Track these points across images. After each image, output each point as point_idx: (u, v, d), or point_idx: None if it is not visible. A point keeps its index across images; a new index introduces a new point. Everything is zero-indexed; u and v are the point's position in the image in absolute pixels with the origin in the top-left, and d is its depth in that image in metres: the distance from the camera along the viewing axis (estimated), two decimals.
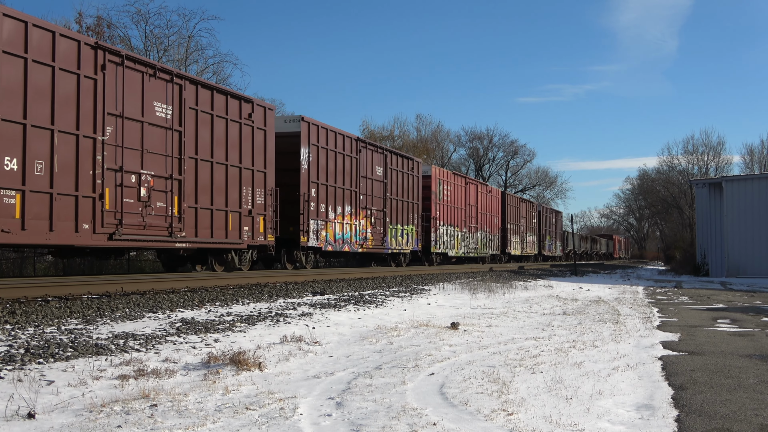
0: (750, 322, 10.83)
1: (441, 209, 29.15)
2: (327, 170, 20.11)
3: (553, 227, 55.32)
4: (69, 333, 6.93)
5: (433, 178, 28.38)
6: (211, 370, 5.87)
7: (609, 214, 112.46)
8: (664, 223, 73.57)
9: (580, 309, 12.99)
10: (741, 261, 29.99)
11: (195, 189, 14.67)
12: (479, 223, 34.73)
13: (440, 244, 29.03)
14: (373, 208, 22.94)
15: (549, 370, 6.32)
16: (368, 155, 22.84)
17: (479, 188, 35.46)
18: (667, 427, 4.46)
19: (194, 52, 32.76)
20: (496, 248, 38.02)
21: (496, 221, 38.25)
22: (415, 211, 26.46)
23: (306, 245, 18.87)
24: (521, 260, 44.75)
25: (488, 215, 36.50)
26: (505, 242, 39.96)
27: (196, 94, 14.85)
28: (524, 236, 44.55)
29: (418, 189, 26.79)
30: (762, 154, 65.09)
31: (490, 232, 36.85)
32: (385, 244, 23.89)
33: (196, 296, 10.83)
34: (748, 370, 6.37)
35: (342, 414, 4.66)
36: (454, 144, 69.80)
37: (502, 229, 39.38)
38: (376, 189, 23.33)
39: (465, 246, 32.43)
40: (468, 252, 32.85)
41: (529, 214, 46.39)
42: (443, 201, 29.43)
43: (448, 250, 30.04)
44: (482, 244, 35.32)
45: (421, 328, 9.38)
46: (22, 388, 4.80)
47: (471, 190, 33.71)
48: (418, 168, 27.12)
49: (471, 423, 4.47)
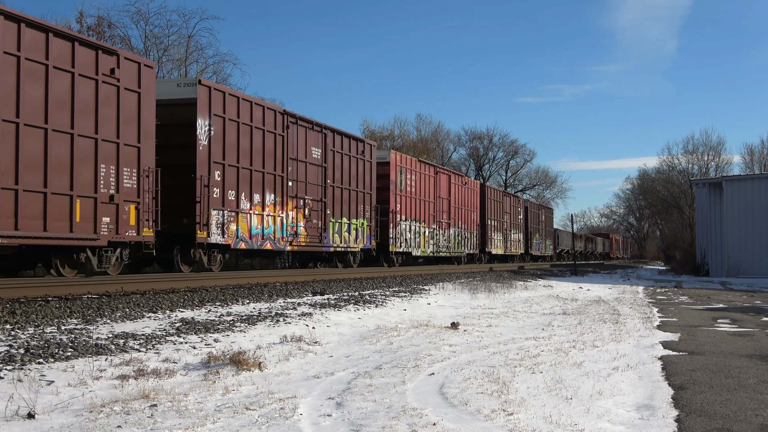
0: (750, 322, 10.83)
1: (403, 201, 25.43)
2: (239, 149, 16.45)
3: (542, 225, 51.40)
4: (69, 333, 6.93)
5: (392, 165, 24.66)
6: (211, 370, 5.87)
7: (609, 214, 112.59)
8: (664, 223, 73.56)
9: (580, 309, 12.99)
10: (741, 261, 29.98)
11: (15, 165, 11.05)
12: (453, 218, 30.85)
13: (401, 242, 25.31)
14: (307, 197, 19.22)
15: (549, 370, 6.32)
16: (300, 133, 19.07)
17: (453, 179, 31.31)
18: (667, 427, 4.46)
19: (194, 51, 32.81)
20: (473, 247, 34.14)
21: (474, 217, 34.15)
22: (367, 203, 22.77)
23: (206, 242, 15.35)
24: (505, 260, 41.64)
25: (464, 210, 32.50)
26: (484, 240, 36.06)
27: (18, 35, 11.10)
28: (508, 234, 40.84)
29: (371, 177, 23.09)
30: (762, 154, 65.14)
31: (466, 229, 32.82)
32: (325, 241, 20.19)
33: (196, 296, 10.83)
34: (748, 370, 6.37)
35: (342, 414, 4.66)
36: (454, 144, 69.81)
37: (481, 226, 35.37)
38: (312, 175, 19.59)
39: (434, 244, 28.69)
40: (438, 251, 29.15)
41: (514, 210, 42.88)
42: (406, 192, 25.68)
43: (411, 249, 26.33)
44: (456, 243, 31.46)
45: (421, 328, 9.38)
46: (22, 388, 4.79)
47: (442, 180, 29.73)
48: (372, 152, 23.35)
49: (471, 423, 4.47)
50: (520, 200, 45.36)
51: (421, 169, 27.55)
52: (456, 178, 31.75)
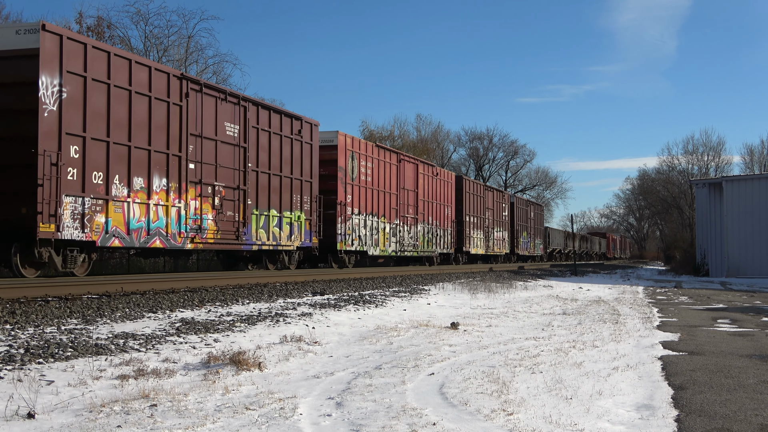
0: (750, 322, 10.83)
1: (355, 192, 22.10)
2: (110, 118, 12.80)
3: (531, 222, 47.86)
4: (69, 333, 6.93)
5: (341, 149, 21.12)
6: (211, 370, 5.87)
7: (609, 214, 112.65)
8: (664, 223, 73.62)
9: (580, 309, 12.99)
10: (741, 261, 29.99)
11: None
12: (422, 213, 27.56)
13: (353, 239, 21.80)
14: (218, 184, 15.57)
15: (549, 370, 6.33)
16: (207, 104, 15.34)
17: (422, 169, 27.75)
18: (667, 427, 4.46)
19: (194, 52, 32.80)
20: (448, 246, 30.80)
21: (449, 212, 30.75)
22: (306, 193, 19.24)
23: (54, 237, 11.60)
24: (488, 260, 38.39)
25: (436, 204, 29.18)
26: (461, 239, 32.48)
27: None
28: (490, 232, 37.31)
29: (311, 162, 19.53)
30: (762, 154, 65.24)
31: (438, 226, 29.40)
32: (245, 237, 16.54)
33: (196, 296, 10.83)
34: (748, 370, 6.37)
35: (342, 414, 4.66)
36: (454, 144, 69.89)
37: (457, 222, 31.89)
38: (226, 156, 15.92)
39: (397, 242, 25.18)
40: (402, 250, 25.75)
41: (498, 206, 39.36)
42: (359, 181, 22.36)
43: (367, 248, 22.93)
44: (426, 241, 28.06)
45: (421, 328, 9.38)
46: (22, 388, 4.80)
47: (407, 169, 26.27)
48: (313, 133, 19.64)
49: (471, 423, 4.47)
50: (504, 195, 41.84)
51: (381, 155, 24.07)
52: (425, 168, 28.37)
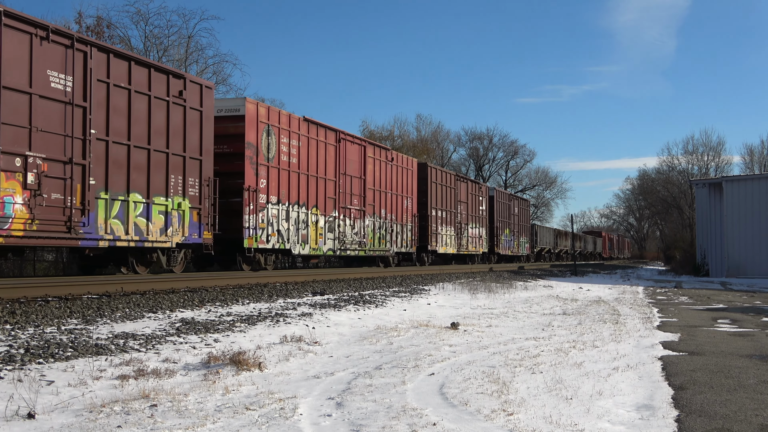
0: (750, 323, 10.83)
1: (273, 177, 17.81)
2: None
3: (514, 218, 43.21)
4: (69, 333, 6.93)
5: (250, 122, 16.88)
6: (211, 370, 5.87)
7: (609, 214, 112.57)
8: (664, 223, 73.59)
9: (580, 309, 12.99)
10: (741, 261, 29.99)
11: None
12: (371, 204, 23.49)
13: (268, 235, 17.55)
14: (34, 154, 11.38)
15: (549, 370, 6.33)
16: (13, 41, 11.11)
17: (371, 152, 23.45)
18: (667, 427, 4.46)
19: (194, 52, 32.79)
20: (407, 243, 26.53)
21: (409, 205, 26.59)
22: (193, 174, 15.03)
23: None
24: (462, 260, 34.40)
25: (392, 195, 25.08)
26: (425, 235, 28.08)
27: None
28: (463, 228, 32.79)
29: (200, 134, 15.22)
30: (762, 154, 65.23)
31: (395, 220, 25.25)
32: (84, 229, 12.31)
33: (196, 296, 10.83)
34: (748, 370, 6.37)
35: (342, 414, 4.66)
36: (454, 144, 69.89)
37: (420, 217, 27.75)
38: (50, 117, 11.74)
39: (335, 239, 21.06)
40: (342, 248, 21.55)
41: (474, 200, 34.92)
42: (279, 163, 18.04)
43: (291, 245, 18.59)
44: (377, 238, 23.88)
45: (421, 328, 9.38)
46: (22, 388, 4.80)
47: (351, 152, 22.02)
48: (203, 97, 15.31)
49: (471, 423, 4.47)
50: (482, 187, 36.91)
51: (313, 132, 19.74)
52: (377, 152, 24.10)
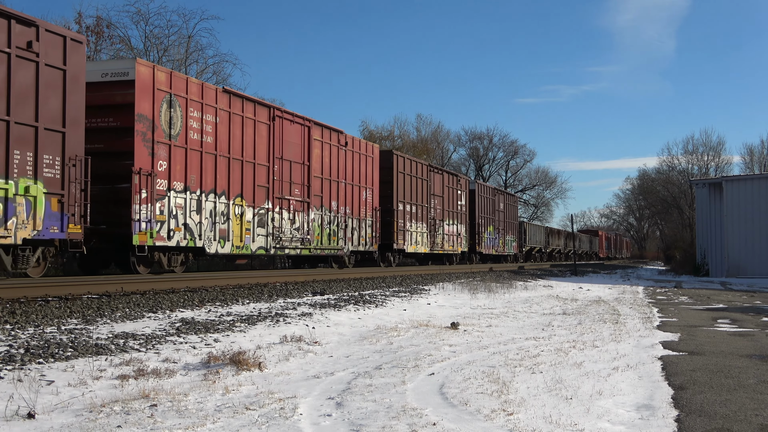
0: (750, 322, 10.83)
1: (178, 158, 14.88)
2: None
3: (499, 215, 39.69)
4: (69, 333, 6.93)
5: (143, 89, 13.87)
6: (211, 370, 5.87)
7: (609, 214, 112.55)
8: (664, 223, 73.61)
9: (580, 309, 12.99)
10: (741, 261, 29.99)
11: None
12: (319, 195, 20.47)
13: (171, 230, 14.63)
14: None
15: (549, 370, 6.32)
16: None
17: (317, 133, 20.19)
18: (667, 427, 4.46)
19: (194, 52, 32.80)
20: (367, 241, 23.53)
21: (369, 197, 23.70)
22: (49, 150, 11.77)
23: None
24: (439, 260, 31.49)
25: (345, 185, 22.14)
26: (390, 232, 25.00)
27: None
28: (437, 224, 29.60)
29: (61, 98, 11.99)
30: (762, 154, 65.29)
31: (349, 215, 22.33)
32: None
33: (196, 296, 10.83)
34: (748, 370, 6.37)
35: (342, 414, 4.66)
36: (454, 144, 69.92)
37: (384, 211, 24.88)
38: None
39: (268, 236, 17.98)
40: (278, 246, 18.47)
41: (451, 193, 31.52)
42: (186, 142, 15.12)
43: (204, 242, 15.66)
44: (327, 234, 20.97)
45: (421, 328, 9.38)
46: (22, 388, 4.80)
47: (290, 133, 18.84)
48: (67, 52, 12.01)
49: (471, 423, 4.47)
50: (460, 180, 33.40)
51: (235, 107, 16.70)
52: (327, 135, 20.95)
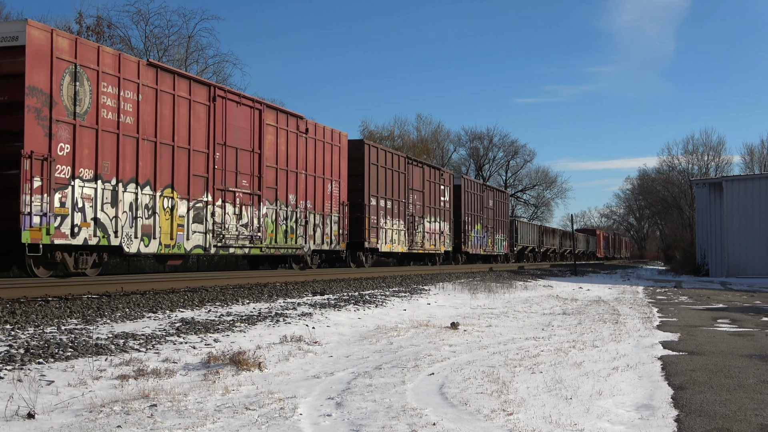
0: (750, 322, 10.83)
1: (85, 141, 12.34)
2: None
3: (488, 212, 37.26)
4: (69, 333, 6.93)
5: (35, 57, 11.28)
6: (210, 370, 5.87)
7: (609, 214, 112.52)
8: (664, 223, 73.60)
9: (580, 309, 12.99)
10: (741, 261, 29.99)
11: None
12: (273, 188, 17.93)
13: (74, 225, 12.03)
14: None
15: (549, 370, 6.32)
16: None
17: (270, 118, 17.75)
18: (667, 427, 4.46)
19: (194, 52, 32.81)
20: (333, 239, 20.97)
21: (335, 190, 21.16)
22: None
23: None
24: (420, 260, 29.38)
25: (306, 176, 19.53)
26: (360, 229, 22.64)
27: None
28: (417, 222, 27.08)
29: None
30: (762, 154, 65.30)
31: (311, 210, 19.66)
32: None
33: (196, 296, 10.83)
34: (748, 370, 6.37)
35: (342, 414, 4.66)
36: (454, 144, 69.92)
37: (353, 207, 22.50)
38: None
39: (207, 233, 15.46)
40: (221, 244, 15.94)
41: (433, 188, 29.01)
42: (97, 122, 12.56)
43: (123, 240, 13.13)
44: (284, 231, 18.40)
45: (420, 328, 9.38)
46: (22, 388, 4.80)
47: (238, 116, 16.47)
48: None
49: (471, 423, 4.47)
50: (444, 174, 30.61)
51: (165, 84, 14.27)
52: (283, 120, 18.41)
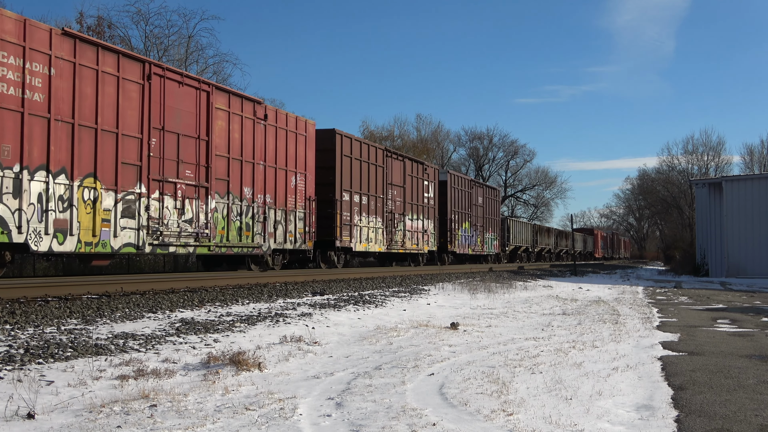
0: (750, 323, 10.83)
1: None
2: None
3: (477, 210, 35.55)
4: (69, 333, 6.93)
5: None
6: (210, 371, 5.87)
7: (609, 214, 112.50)
8: (664, 223, 73.61)
9: (580, 309, 12.99)
10: (741, 261, 29.99)
11: None
12: (224, 180, 15.93)
13: None
14: None
15: (549, 370, 6.32)
16: None
17: (220, 101, 15.79)
18: (667, 427, 4.46)
19: (194, 52, 32.79)
20: (296, 237, 18.89)
21: (300, 184, 19.08)
22: None
23: None
24: (402, 260, 27.91)
25: (265, 168, 17.48)
26: (331, 226, 20.78)
27: None
28: (397, 219, 25.36)
29: None
30: (762, 154, 65.30)
31: (273, 206, 17.73)
32: None
33: (196, 296, 10.83)
34: (748, 371, 6.37)
35: (342, 414, 4.66)
36: (454, 144, 69.97)
37: (321, 202, 20.54)
38: None
39: (140, 229, 13.40)
40: (158, 242, 13.91)
41: (415, 184, 27.22)
42: None
43: (29, 237, 11.02)
44: (238, 228, 16.40)
45: (420, 328, 9.38)
46: (22, 389, 4.80)
47: (179, 98, 14.48)
48: None
49: (471, 423, 4.47)
50: (428, 169, 28.82)
51: (85, 58, 12.24)
52: (236, 104, 16.35)
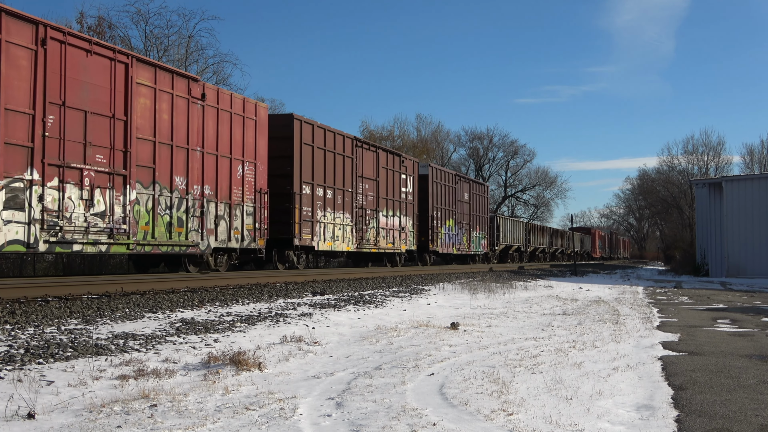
0: (750, 323, 10.83)
1: None
2: None
3: (463, 206, 32.93)
4: (69, 333, 6.93)
5: None
6: (210, 371, 5.87)
7: (609, 214, 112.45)
8: (664, 223, 73.57)
9: (580, 309, 12.99)
10: (741, 261, 29.99)
11: None
12: (148, 167, 13.78)
13: None
14: None
15: (549, 370, 6.32)
16: None
17: (144, 76, 13.68)
18: (667, 427, 4.46)
19: (194, 52, 32.79)
20: (243, 234, 16.83)
21: (249, 174, 17.10)
22: None
23: None
24: (378, 260, 25.85)
25: (202, 155, 15.37)
26: (289, 223, 18.68)
27: None
28: (370, 215, 23.33)
29: None
30: (762, 154, 65.23)
31: (212, 198, 15.69)
32: None
33: (196, 296, 10.82)
34: (748, 371, 6.37)
35: (342, 414, 4.66)
36: (454, 144, 69.93)
37: (277, 195, 18.51)
38: None
39: (31, 224, 10.97)
40: (57, 239, 11.55)
41: (392, 177, 24.95)
42: None
43: None
44: (168, 223, 14.37)
45: (420, 328, 9.38)
46: (22, 389, 4.80)
47: (87, 70, 12.31)
48: None
49: (471, 423, 4.47)
50: (406, 162, 26.28)
51: None
52: (165, 80, 14.38)
